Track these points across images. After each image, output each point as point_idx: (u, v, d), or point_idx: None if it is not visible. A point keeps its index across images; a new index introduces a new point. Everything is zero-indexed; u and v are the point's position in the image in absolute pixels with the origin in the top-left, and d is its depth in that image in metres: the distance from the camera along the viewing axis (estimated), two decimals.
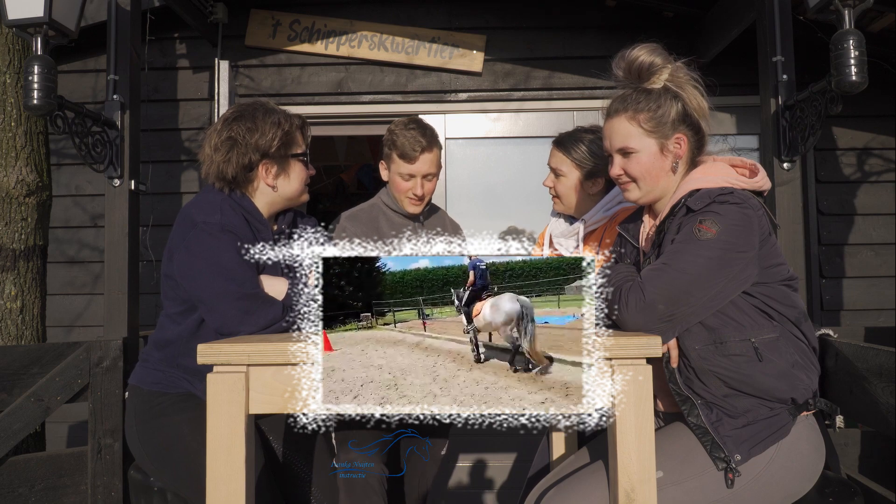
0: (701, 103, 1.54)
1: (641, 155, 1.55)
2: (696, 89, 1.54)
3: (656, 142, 1.54)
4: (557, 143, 2.15)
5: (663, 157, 1.55)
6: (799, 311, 1.50)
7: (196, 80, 3.80)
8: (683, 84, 1.54)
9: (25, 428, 2.26)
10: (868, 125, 3.72)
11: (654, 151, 1.54)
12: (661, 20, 3.68)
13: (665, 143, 1.54)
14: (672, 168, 1.56)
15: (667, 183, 1.57)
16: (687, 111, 1.53)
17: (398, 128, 2.22)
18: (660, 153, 1.54)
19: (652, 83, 1.53)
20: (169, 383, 1.76)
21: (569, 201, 2.14)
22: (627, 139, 1.55)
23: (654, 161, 1.54)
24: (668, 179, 1.56)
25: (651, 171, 1.55)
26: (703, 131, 1.56)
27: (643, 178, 1.56)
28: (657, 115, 1.52)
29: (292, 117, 1.84)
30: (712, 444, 1.42)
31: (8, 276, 2.78)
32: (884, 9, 2.99)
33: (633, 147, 1.55)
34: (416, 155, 2.18)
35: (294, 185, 1.84)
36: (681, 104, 1.52)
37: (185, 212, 1.75)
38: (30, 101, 2.24)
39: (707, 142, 1.58)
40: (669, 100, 1.52)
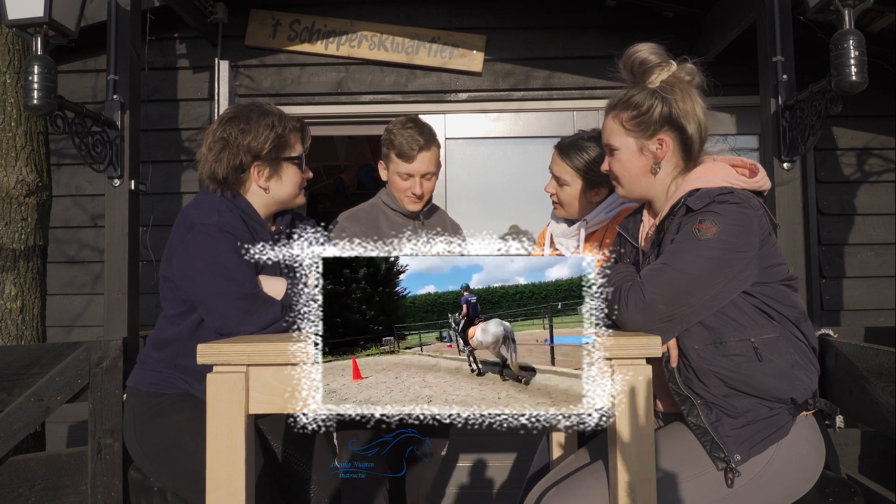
0: (691, 107, 1.51)
1: (621, 153, 1.58)
2: (690, 93, 1.52)
3: (635, 141, 1.55)
4: (560, 149, 2.10)
5: (641, 157, 1.55)
6: (799, 311, 1.50)
7: (196, 80, 3.80)
8: (676, 85, 1.52)
9: (25, 428, 2.26)
10: (868, 125, 3.72)
11: (632, 150, 1.56)
12: (661, 20, 3.68)
13: (645, 143, 1.54)
14: (652, 170, 1.55)
15: (648, 183, 1.57)
16: (673, 114, 1.51)
17: (396, 127, 2.22)
18: (638, 153, 1.55)
19: (649, 82, 1.53)
20: (167, 384, 1.75)
21: (571, 209, 2.12)
22: (610, 136, 1.59)
23: (632, 160, 1.56)
24: (649, 180, 1.56)
25: (629, 170, 1.57)
26: (690, 135, 1.52)
27: (622, 177, 1.59)
28: (640, 115, 1.53)
29: (288, 120, 1.82)
30: (712, 444, 1.42)
31: (8, 276, 2.78)
32: (884, 9, 2.99)
33: (615, 145, 1.58)
34: (414, 154, 2.18)
35: (287, 189, 1.83)
36: (667, 106, 1.51)
37: (184, 214, 1.75)
38: (30, 101, 2.24)
39: (696, 147, 1.54)
40: (657, 101, 1.51)
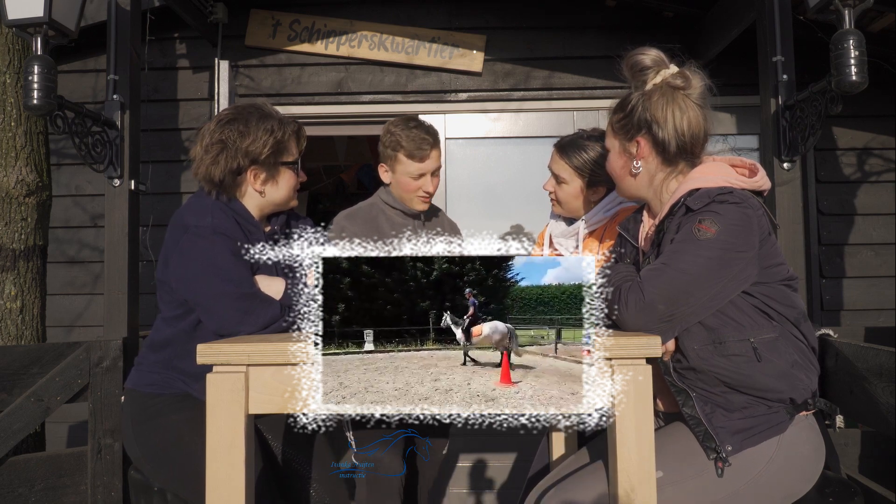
0: (666, 113, 1.50)
1: (610, 153, 1.65)
2: (673, 98, 1.51)
3: (618, 142, 1.61)
4: (559, 148, 2.11)
5: (622, 158, 1.61)
6: (799, 312, 1.50)
7: (196, 80, 3.80)
8: (659, 90, 1.52)
9: (25, 428, 2.26)
10: (868, 125, 3.72)
11: (616, 151, 1.63)
12: (661, 20, 3.68)
13: (625, 144, 1.59)
14: (631, 171, 1.58)
15: (632, 184, 1.61)
16: (647, 118, 1.52)
17: (399, 129, 2.20)
18: (620, 153, 1.62)
19: (645, 86, 1.55)
20: (165, 384, 1.75)
21: (569, 207, 2.13)
22: (606, 137, 1.67)
23: (615, 160, 1.63)
24: (632, 181, 1.60)
25: (614, 169, 1.65)
26: (661, 139, 1.51)
27: (612, 176, 1.67)
28: (625, 117, 1.57)
29: (287, 124, 1.81)
30: (704, 434, 1.43)
31: (8, 276, 2.78)
32: (884, 9, 2.99)
33: (606, 145, 1.67)
34: (427, 153, 2.18)
35: (282, 192, 1.83)
36: (644, 110, 1.53)
37: (177, 217, 1.74)
38: (30, 101, 2.24)
39: (671, 150, 1.52)
40: (639, 104, 1.54)
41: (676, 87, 1.52)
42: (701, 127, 1.53)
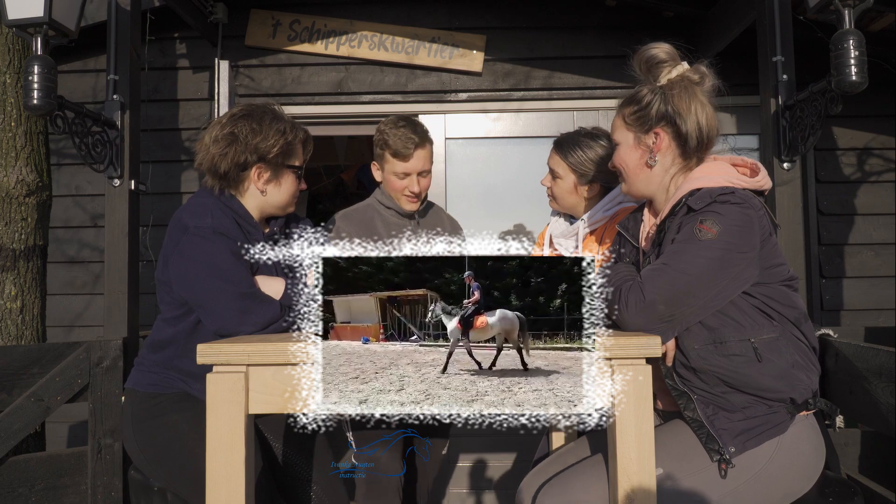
0: (689, 106, 1.52)
1: (621, 147, 1.62)
2: (693, 93, 1.52)
3: (633, 135, 1.59)
4: (556, 144, 2.15)
5: (637, 150, 1.58)
6: (799, 312, 1.50)
7: (196, 80, 3.80)
8: (679, 84, 1.53)
9: (25, 428, 2.26)
10: (868, 125, 3.71)
11: (630, 144, 1.60)
12: (661, 20, 3.68)
13: (641, 136, 1.57)
14: (648, 163, 1.57)
15: (646, 178, 1.59)
16: (669, 111, 1.52)
17: (388, 127, 2.22)
18: (634, 146, 1.59)
19: (658, 80, 1.55)
20: (165, 384, 1.75)
21: (564, 203, 2.15)
22: (614, 132, 1.64)
23: (629, 153, 1.60)
24: (647, 174, 1.58)
25: (627, 163, 1.61)
26: (684, 133, 1.52)
27: (623, 170, 1.63)
28: (640, 110, 1.56)
29: (298, 130, 1.85)
30: (707, 437, 1.43)
31: (8, 276, 2.78)
32: (884, 9, 2.99)
33: (616, 139, 1.63)
34: (411, 152, 2.19)
35: (283, 195, 1.84)
36: (665, 104, 1.53)
37: (177, 217, 1.75)
38: (30, 101, 2.24)
39: (692, 144, 1.53)
40: (657, 97, 1.54)
41: (694, 81, 1.53)
42: (715, 123, 1.55)
